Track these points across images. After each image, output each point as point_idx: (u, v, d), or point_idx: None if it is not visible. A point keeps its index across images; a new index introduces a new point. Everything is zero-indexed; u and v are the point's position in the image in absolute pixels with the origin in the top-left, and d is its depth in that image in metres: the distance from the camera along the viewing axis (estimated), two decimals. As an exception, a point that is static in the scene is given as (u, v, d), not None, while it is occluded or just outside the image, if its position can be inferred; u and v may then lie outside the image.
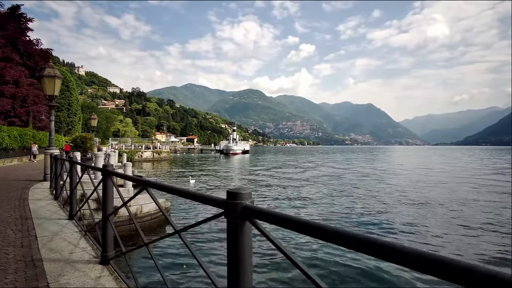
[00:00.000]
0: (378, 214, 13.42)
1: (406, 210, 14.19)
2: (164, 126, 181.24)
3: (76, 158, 4.79)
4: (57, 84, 9.31)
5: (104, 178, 2.77)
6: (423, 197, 17.82)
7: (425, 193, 19.45)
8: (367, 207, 14.75)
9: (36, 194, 6.73)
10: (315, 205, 14.99)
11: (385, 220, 12.29)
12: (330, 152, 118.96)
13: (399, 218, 12.73)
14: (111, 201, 2.83)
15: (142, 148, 56.61)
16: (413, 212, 13.77)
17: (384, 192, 19.71)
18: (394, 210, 14.15)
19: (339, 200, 16.63)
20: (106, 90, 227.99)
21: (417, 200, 16.70)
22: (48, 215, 4.62)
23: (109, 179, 2.75)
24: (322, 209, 14.14)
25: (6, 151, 19.31)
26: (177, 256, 7.76)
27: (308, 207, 14.61)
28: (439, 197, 17.83)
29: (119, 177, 2.63)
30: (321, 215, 13.02)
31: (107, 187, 2.76)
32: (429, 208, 14.68)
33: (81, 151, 12.04)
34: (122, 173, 2.51)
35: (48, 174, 9.17)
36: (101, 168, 2.75)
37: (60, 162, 6.06)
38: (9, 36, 30.13)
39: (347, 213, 13.47)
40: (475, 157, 75.51)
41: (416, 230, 10.96)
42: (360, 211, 13.81)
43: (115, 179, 2.89)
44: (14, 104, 28.53)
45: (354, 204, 15.69)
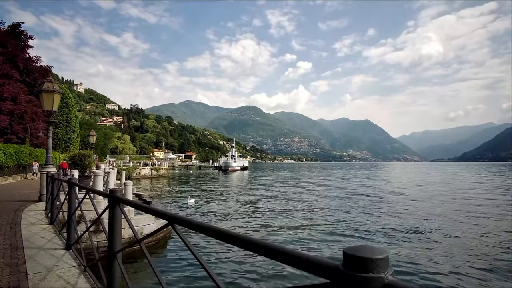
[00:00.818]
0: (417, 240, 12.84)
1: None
2: (162, 143, 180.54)
3: (75, 178, 4.29)
4: (56, 99, 8.89)
5: (111, 206, 2.29)
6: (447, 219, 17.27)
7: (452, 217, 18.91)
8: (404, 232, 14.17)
9: (30, 217, 6.17)
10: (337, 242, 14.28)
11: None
12: (329, 169, 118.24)
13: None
14: (119, 234, 2.33)
15: (141, 165, 55.82)
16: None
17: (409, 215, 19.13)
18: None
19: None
20: (104, 107, 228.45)
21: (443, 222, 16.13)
22: (42, 244, 4.08)
23: (117, 208, 2.27)
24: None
25: (1, 169, 18.69)
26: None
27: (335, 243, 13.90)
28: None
29: (133, 207, 2.14)
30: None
31: (115, 218, 2.28)
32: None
33: (79, 169, 11.49)
34: (137, 202, 2.02)
35: (43, 195, 8.60)
36: (108, 194, 2.27)
37: (57, 182, 5.54)
38: (9, 53, 30.04)
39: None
40: (480, 174, 74.99)
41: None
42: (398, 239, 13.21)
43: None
44: (12, 121, 28.08)
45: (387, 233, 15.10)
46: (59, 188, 5.31)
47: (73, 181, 3.85)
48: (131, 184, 10.38)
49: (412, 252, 10.62)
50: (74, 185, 3.87)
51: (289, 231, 14.16)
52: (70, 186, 3.84)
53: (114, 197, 2.23)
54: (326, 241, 12.26)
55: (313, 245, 11.78)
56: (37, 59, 34.67)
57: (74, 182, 3.86)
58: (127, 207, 10.38)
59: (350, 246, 0.79)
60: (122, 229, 2.35)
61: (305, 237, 12.86)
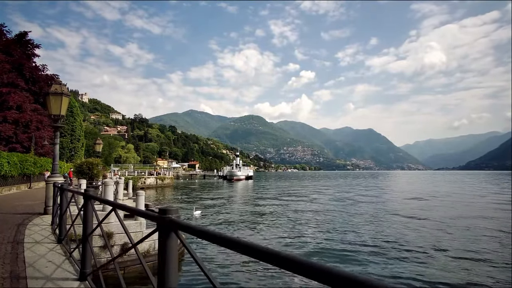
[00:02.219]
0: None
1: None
2: (167, 152, 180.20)
3: (92, 190, 3.52)
4: (64, 102, 8.20)
5: (164, 234, 1.52)
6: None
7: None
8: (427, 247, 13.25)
9: (35, 233, 5.41)
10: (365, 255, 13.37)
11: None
12: (333, 178, 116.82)
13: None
14: (174, 272, 1.55)
15: (145, 174, 55.12)
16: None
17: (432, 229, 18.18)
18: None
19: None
20: (108, 117, 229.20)
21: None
22: (50, 272, 3.30)
23: (173, 237, 1.50)
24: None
25: (4, 179, 18.01)
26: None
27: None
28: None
29: (197, 235, 1.36)
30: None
31: (170, 250, 1.50)
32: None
33: (87, 178, 10.77)
34: (201, 228, 1.27)
35: (49, 207, 7.84)
36: (159, 217, 1.51)
37: (67, 194, 4.76)
38: (15, 62, 29.79)
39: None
40: (489, 183, 73.46)
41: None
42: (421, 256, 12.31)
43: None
44: (17, 129, 27.61)
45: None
46: (69, 201, 4.55)
47: (91, 193, 3.09)
48: (144, 195, 9.61)
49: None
50: (91, 198, 3.10)
51: (301, 243, 13.28)
52: (87, 199, 3.07)
53: (169, 221, 1.46)
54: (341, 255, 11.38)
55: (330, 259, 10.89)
56: (43, 67, 34.45)
57: (92, 194, 3.09)
58: (138, 220, 9.60)
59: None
60: (176, 271, 1.57)
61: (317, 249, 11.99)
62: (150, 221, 1.80)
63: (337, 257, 11.39)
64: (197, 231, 1.40)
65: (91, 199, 3.08)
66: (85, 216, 3.09)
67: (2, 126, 26.11)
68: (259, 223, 18.51)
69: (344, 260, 11.03)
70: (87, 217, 3.08)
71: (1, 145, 25.45)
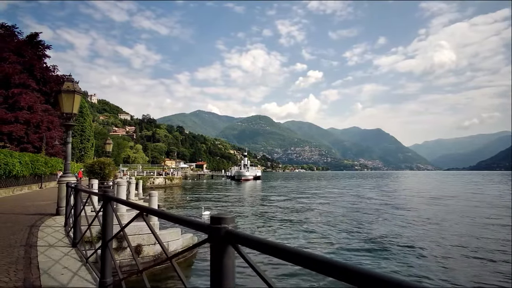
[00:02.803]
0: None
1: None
2: (175, 153, 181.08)
3: (111, 190, 3.22)
4: (77, 100, 7.99)
5: (219, 249, 1.19)
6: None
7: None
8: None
9: (48, 235, 5.17)
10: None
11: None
12: (341, 178, 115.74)
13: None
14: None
15: (154, 174, 55.23)
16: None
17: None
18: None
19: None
20: (117, 117, 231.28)
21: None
22: (65, 280, 3.02)
23: (230, 252, 1.18)
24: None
25: (16, 179, 18.02)
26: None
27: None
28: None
29: (259, 249, 1.04)
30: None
31: (226, 268, 1.18)
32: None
33: (98, 178, 10.59)
34: (260, 240, 0.92)
35: (62, 208, 7.62)
36: (209, 226, 1.19)
37: (80, 194, 4.48)
38: (26, 63, 29.99)
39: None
40: (505, 184, 71.82)
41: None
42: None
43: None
44: (28, 130, 27.77)
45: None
46: (85, 202, 4.26)
47: (111, 194, 2.78)
48: (156, 195, 9.37)
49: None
50: (112, 200, 2.80)
51: (320, 245, 12.90)
52: (107, 200, 2.76)
53: (225, 233, 1.14)
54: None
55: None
56: (54, 68, 34.63)
57: (112, 195, 2.79)
58: (153, 218, 9.35)
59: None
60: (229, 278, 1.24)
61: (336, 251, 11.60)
62: (194, 230, 1.51)
63: (365, 257, 11.01)
64: (262, 244, 1.08)
65: (111, 201, 2.79)
66: (105, 219, 2.80)
67: (14, 127, 26.25)
68: (273, 224, 18.20)
69: (372, 261, 10.65)
70: (107, 221, 2.78)
71: (13, 145, 25.59)
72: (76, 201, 4.52)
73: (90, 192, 4.14)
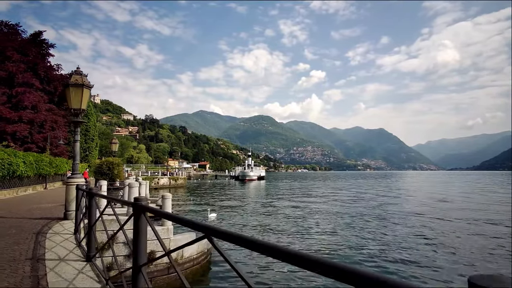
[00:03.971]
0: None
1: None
2: (178, 153, 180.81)
3: (145, 200, 2.57)
4: (85, 95, 7.37)
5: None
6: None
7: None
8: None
9: (57, 245, 4.53)
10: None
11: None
12: (343, 178, 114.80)
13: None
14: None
15: (159, 174, 54.70)
16: None
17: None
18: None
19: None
20: (120, 118, 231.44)
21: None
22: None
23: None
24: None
25: (20, 179, 17.46)
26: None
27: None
28: None
29: None
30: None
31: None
32: None
33: (107, 179, 9.96)
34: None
35: (70, 212, 6.99)
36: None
37: (95, 200, 3.80)
38: (30, 62, 29.51)
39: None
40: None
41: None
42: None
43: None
44: (32, 129, 27.28)
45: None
46: (102, 211, 3.57)
47: (143, 203, 2.11)
48: (170, 198, 8.73)
49: None
50: (146, 210, 2.12)
51: (331, 248, 12.23)
52: (140, 211, 2.08)
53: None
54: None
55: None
56: (58, 67, 34.13)
57: (145, 205, 2.11)
58: (165, 225, 8.70)
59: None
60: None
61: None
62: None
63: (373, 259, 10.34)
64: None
65: (145, 212, 2.12)
66: (137, 234, 2.13)
67: (18, 126, 25.77)
68: (279, 225, 17.57)
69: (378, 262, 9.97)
70: (140, 238, 2.12)
71: (17, 145, 25.09)
72: (91, 207, 3.87)
73: (112, 199, 3.40)
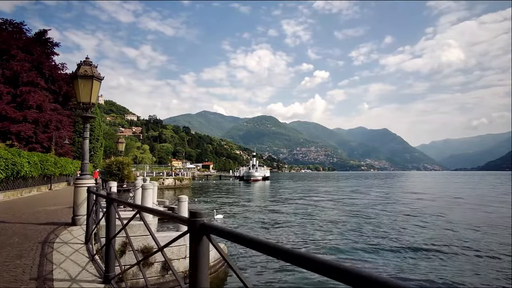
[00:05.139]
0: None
1: None
2: (182, 153, 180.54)
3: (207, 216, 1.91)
4: (95, 87, 6.70)
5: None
6: None
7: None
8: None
9: (67, 261, 3.85)
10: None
11: None
12: (349, 178, 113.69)
13: None
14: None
15: (164, 175, 54.15)
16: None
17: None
18: None
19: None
20: (124, 118, 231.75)
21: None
22: None
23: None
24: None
25: (25, 180, 16.87)
26: None
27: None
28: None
29: None
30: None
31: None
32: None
33: (117, 180, 9.31)
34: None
35: (79, 217, 6.31)
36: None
37: (115, 206, 3.10)
38: (34, 61, 29.03)
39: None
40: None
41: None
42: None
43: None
44: (36, 129, 26.77)
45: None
46: (127, 223, 2.83)
47: (206, 221, 1.39)
48: (186, 200, 8.04)
49: None
50: (213, 231, 1.34)
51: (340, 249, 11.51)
52: (201, 231, 1.36)
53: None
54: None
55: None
56: (63, 66, 33.65)
57: (210, 224, 1.35)
58: (182, 226, 8.00)
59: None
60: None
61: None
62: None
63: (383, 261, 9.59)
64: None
65: (211, 234, 1.40)
66: (197, 263, 1.39)
67: (22, 126, 25.28)
68: (291, 226, 16.90)
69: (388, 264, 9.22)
70: (200, 267, 1.39)
71: (21, 144, 24.57)
72: (110, 217, 3.15)
73: (144, 209, 2.54)
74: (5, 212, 8.82)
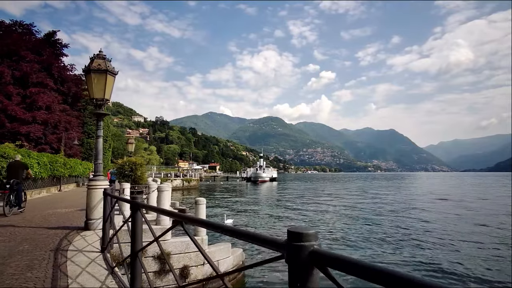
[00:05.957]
0: None
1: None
2: (189, 154, 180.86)
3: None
4: (109, 82, 6.28)
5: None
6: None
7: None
8: None
9: (83, 274, 3.38)
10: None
11: None
12: (352, 179, 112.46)
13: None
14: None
15: (172, 176, 53.98)
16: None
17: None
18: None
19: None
20: (131, 120, 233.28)
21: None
22: None
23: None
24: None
25: (34, 181, 16.62)
26: None
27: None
28: None
29: None
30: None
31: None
32: None
33: (130, 181, 8.91)
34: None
35: (92, 221, 5.88)
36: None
37: (141, 212, 2.63)
38: (44, 62, 29.00)
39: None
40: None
41: None
42: None
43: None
44: (46, 130, 26.68)
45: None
46: (161, 234, 2.34)
47: (330, 254, 0.82)
48: (204, 203, 7.58)
49: None
50: (331, 261, 0.77)
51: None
52: (312, 262, 0.85)
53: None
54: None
55: None
56: (72, 67, 33.59)
57: (333, 254, 0.80)
58: (201, 232, 7.55)
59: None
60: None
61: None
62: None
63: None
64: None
65: (327, 266, 0.88)
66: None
67: (32, 127, 25.16)
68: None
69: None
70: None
71: (31, 146, 24.46)
72: (136, 226, 2.69)
73: (187, 219, 1.93)
74: (14, 214, 8.47)
